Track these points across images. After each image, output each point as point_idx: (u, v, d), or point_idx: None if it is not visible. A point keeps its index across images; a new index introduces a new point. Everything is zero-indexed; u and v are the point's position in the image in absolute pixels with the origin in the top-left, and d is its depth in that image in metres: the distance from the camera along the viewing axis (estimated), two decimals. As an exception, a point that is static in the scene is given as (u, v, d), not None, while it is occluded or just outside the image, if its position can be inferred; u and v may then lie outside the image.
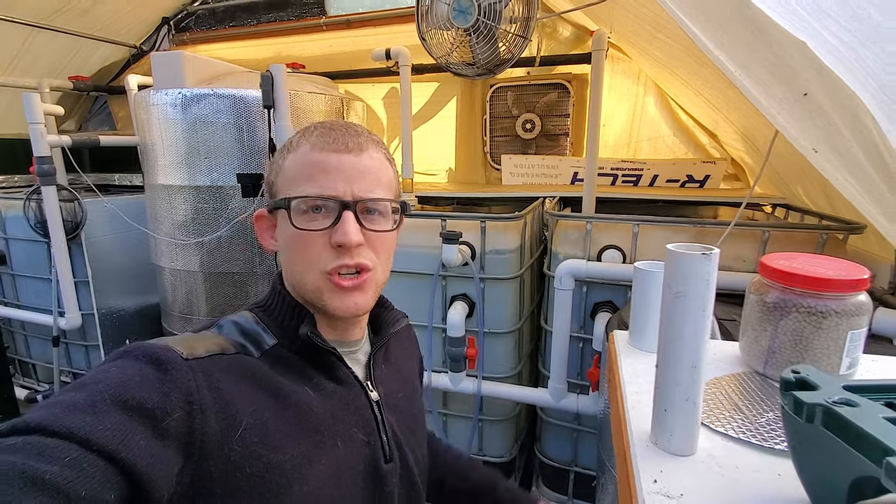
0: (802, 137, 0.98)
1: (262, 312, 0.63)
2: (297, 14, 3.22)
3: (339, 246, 0.58)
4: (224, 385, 0.51)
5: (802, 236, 1.57)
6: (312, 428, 0.56)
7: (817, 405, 0.38)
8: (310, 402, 0.57)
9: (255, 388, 0.54)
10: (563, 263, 1.66)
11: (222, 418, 0.49)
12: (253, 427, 0.51)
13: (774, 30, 0.88)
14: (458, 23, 1.40)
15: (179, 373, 0.48)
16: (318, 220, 0.59)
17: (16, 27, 2.93)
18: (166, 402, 0.45)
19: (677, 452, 0.51)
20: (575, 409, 1.75)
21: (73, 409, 0.41)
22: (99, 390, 0.43)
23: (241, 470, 0.49)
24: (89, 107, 3.88)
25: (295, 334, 0.60)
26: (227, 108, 2.09)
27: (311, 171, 0.59)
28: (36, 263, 2.63)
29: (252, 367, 0.56)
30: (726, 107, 2.05)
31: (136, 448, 0.41)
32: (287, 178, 0.61)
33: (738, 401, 0.62)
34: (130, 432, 0.42)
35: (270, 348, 0.59)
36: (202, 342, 0.54)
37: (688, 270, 0.47)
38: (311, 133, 0.62)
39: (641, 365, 0.72)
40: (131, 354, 0.48)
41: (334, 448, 0.57)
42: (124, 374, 0.46)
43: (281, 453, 0.52)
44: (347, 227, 0.58)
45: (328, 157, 0.59)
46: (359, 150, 0.61)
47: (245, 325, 0.61)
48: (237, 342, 0.58)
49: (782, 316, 0.66)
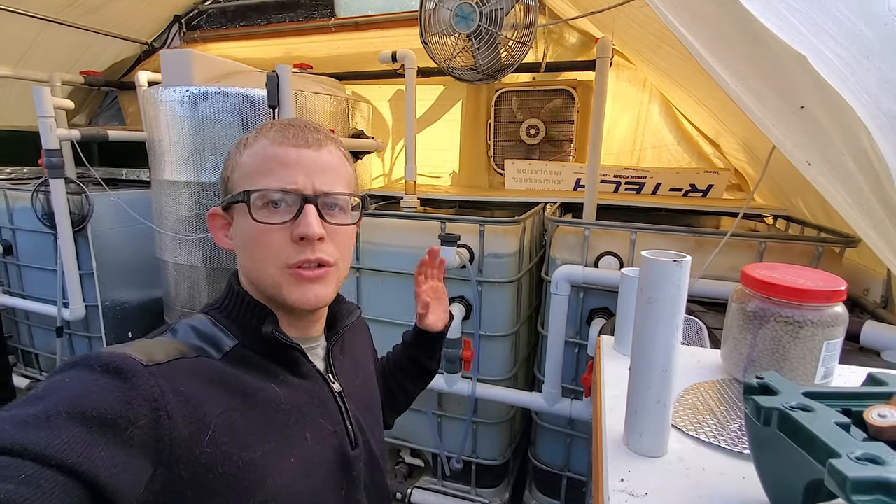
0: (797, 150, 0.99)
1: (219, 314, 0.62)
2: (306, 15, 3.26)
3: (301, 239, 0.58)
4: (188, 389, 0.50)
5: (799, 248, 1.57)
6: (281, 423, 0.57)
7: (774, 409, 0.39)
8: (277, 399, 0.57)
9: (220, 389, 0.53)
10: (560, 269, 1.67)
11: (190, 422, 0.48)
12: (222, 427, 0.51)
13: (774, 43, 0.90)
14: (460, 28, 1.42)
15: (140, 380, 0.47)
16: (279, 213, 0.58)
17: (28, 20, 2.98)
18: (129, 411, 0.44)
19: (647, 453, 0.52)
20: (568, 414, 1.76)
21: (25, 424, 0.40)
22: (53, 403, 0.42)
23: (213, 470, 0.49)
24: (100, 102, 3.93)
25: (257, 334, 0.59)
26: (233, 107, 2.12)
27: (271, 165, 0.59)
28: (42, 254, 2.66)
29: (215, 369, 0.55)
30: (728, 117, 2.06)
31: (97, 459, 0.40)
32: (244, 174, 0.60)
33: (714, 406, 0.63)
34: (90, 444, 0.40)
35: (231, 349, 0.58)
36: (160, 348, 0.53)
37: (659, 276, 0.48)
38: (268, 129, 0.62)
39: (624, 370, 0.73)
40: (86, 364, 0.47)
41: (303, 441, 0.58)
42: (81, 386, 0.44)
43: (252, 451, 0.52)
44: (310, 220, 0.57)
45: (288, 152, 0.59)
46: (318, 145, 0.61)
47: (202, 329, 0.60)
48: (195, 346, 0.57)
49: (761, 325, 0.67)
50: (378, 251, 1.92)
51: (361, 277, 1.96)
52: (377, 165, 3.24)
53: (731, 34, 0.98)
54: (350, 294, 1.98)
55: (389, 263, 1.91)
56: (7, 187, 2.68)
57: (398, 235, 1.90)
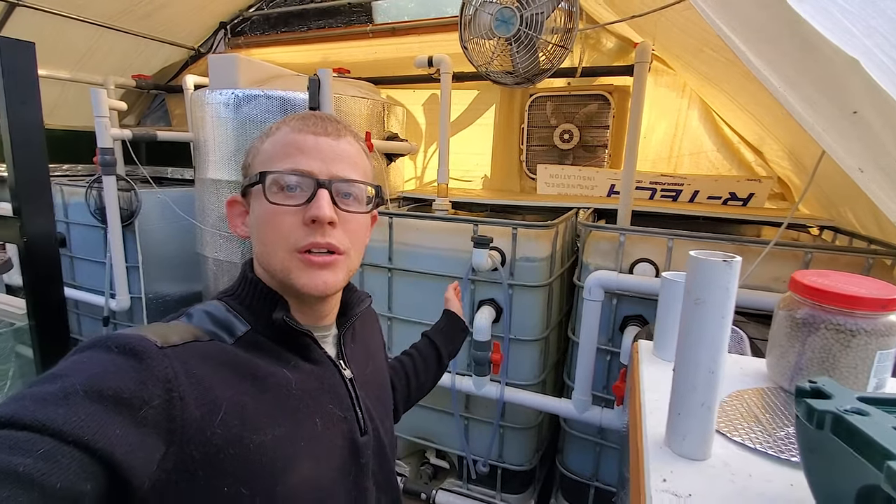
0: (848, 157, 0.96)
1: (233, 300, 0.63)
2: (345, 21, 3.34)
3: (312, 222, 0.58)
4: (201, 371, 0.51)
5: (847, 259, 1.51)
6: (292, 408, 0.57)
7: (828, 412, 0.38)
8: (288, 384, 0.58)
9: (232, 372, 0.54)
10: (593, 274, 1.65)
11: (202, 404, 0.49)
12: (233, 410, 0.51)
13: (826, 46, 0.87)
14: (500, 32, 1.43)
15: (155, 361, 0.48)
16: (293, 197, 0.59)
17: (87, 27, 3.16)
18: (143, 391, 0.45)
19: (689, 456, 0.51)
20: (598, 422, 1.73)
21: (45, 401, 0.41)
22: (71, 382, 0.43)
23: (224, 451, 0.50)
24: (148, 103, 4.13)
25: (268, 320, 0.60)
26: (275, 109, 2.19)
27: (289, 150, 0.60)
28: (93, 247, 2.81)
29: (227, 352, 0.56)
30: (773, 124, 1.99)
31: (112, 437, 0.41)
32: (264, 159, 0.62)
33: (759, 414, 0.62)
34: (106, 422, 0.41)
35: (244, 335, 0.59)
36: (175, 331, 0.54)
37: (708, 277, 0.48)
38: (290, 119, 0.63)
39: (664, 374, 0.72)
40: (103, 345, 0.48)
41: (313, 426, 0.59)
42: (98, 366, 0.45)
43: (262, 434, 0.53)
44: (321, 203, 0.58)
45: (306, 138, 0.60)
46: (337, 134, 0.62)
47: (216, 314, 0.61)
48: (209, 330, 0.58)
49: (811, 332, 0.65)
50: (410, 252, 1.95)
51: (393, 278, 1.99)
52: (410, 168, 3.28)
53: (780, 37, 0.95)
54: (382, 294, 2.01)
55: (421, 265, 1.93)
56: (63, 183, 2.85)
57: (431, 237, 1.92)
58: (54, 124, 3.56)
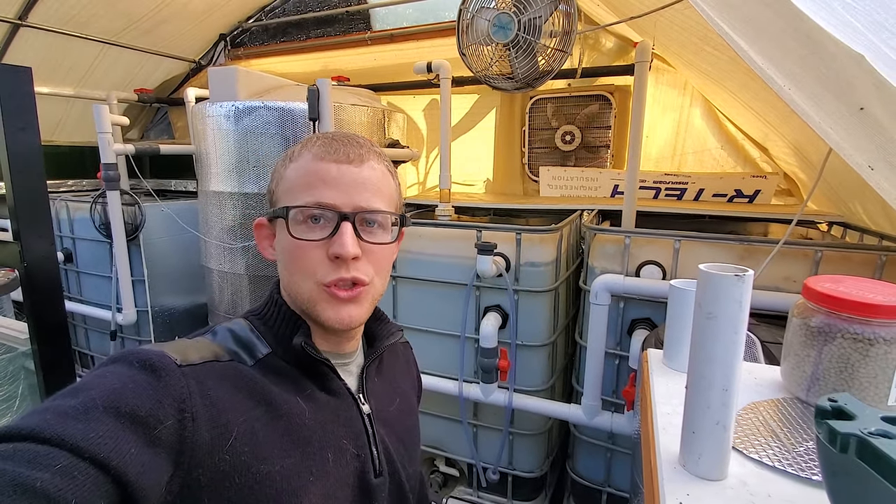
0: (858, 154, 0.94)
1: (258, 320, 0.63)
2: (343, 29, 3.35)
3: (336, 258, 0.57)
4: (216, 393, 0.51)
5: (859, 257, 1.48)
6: (303, 439, 0.56)
7: (852, 435, 0.36)
8: (301, 413, 0.57)
9: (247, 396, 0.53)
10: (600, 278, 1.64)
11: (213, 426, 0.49)
12: (243, 437, 0.51)
13: (830, 42, 0.85)
14: (498, 38, 1.42)
15: (173, 379, 0.48)
16: (316, 230, 0.58)
17: (89, 44, 3.19)
18: (159, 410, 0.45)
19: (705, 476, 0.50)
20: (609, 427, 1.71)
21: (66, 416, 0.41)
22: (92, 397, 0.43)
23: (230, 479, 0.49)
24: (151, 117, 4.15)
25: (289, 344, 0.59)
26: (275, 120, 2.19)
27: (311, 181, 0.59)
28: (99, 262, 2.82)
29: (245, 375, 0.55)
30: (777, 120, 1.97)
31: (127, 456, 0.41)
32: (287, 188, 0.60)
33: (776, 427, 0.60)
34: (122, 440, 0.41)
35: (264, 357, 0.58)
36: (196, 349, 0.54)
37: (719, 292, 0.46)
38: (313, 143, 0.61)
39: (675, 386, 0.71)
40: (126, 360, 0.48)
41: (324, 460, 0.57)
42: (118, 381, 0.45)
43: (270, 464, 0.52)
44: (345, 239, 0.57)
45: (329, 168, 0.59)
46: (360, 160, 0.60)
47: (240, 333, 0.60)
48: (231, 350, 0.57)
49: (827, 341, 0.63)
50: (414, 260, 1.94)
51: (398, 286, 1.98)
52: (412, 174, 3.27)
53: (783, 34, 0.94)
54: (386, 302, 2.00)
55: (426, 272, 1.92)
56: (69, 199, 2.86)
57: (434, 244, 1.90)
58: (59, 141, 3.59)
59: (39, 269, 1.17)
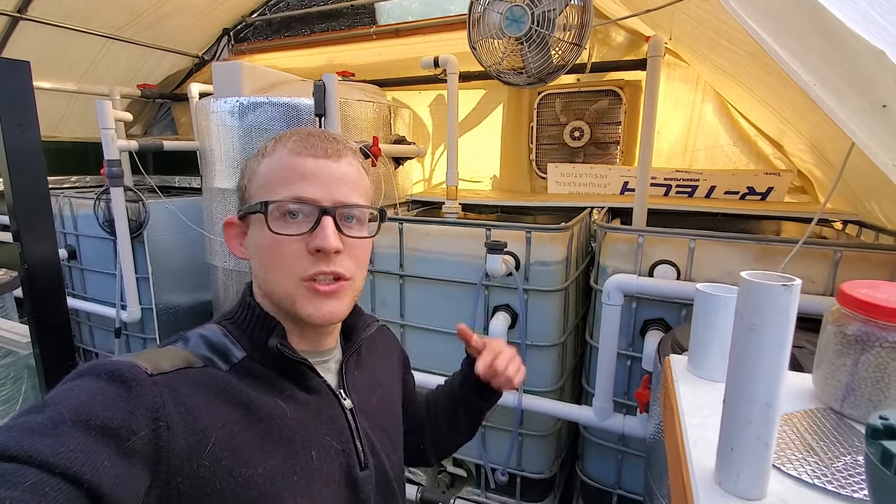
0: (882, 152, 0.91)
1: (231, 324, 0.62)
2: (348, 24, 3.31)
3: (317, 251, 0.57)
4: (191, 400, 0.50)
5: (878, 258, 1.44)
6: (285, 439, 0.55)
7: (917, 462, 0.34)
8: (282, 414, 0.56)
9: (223, 401, 0.53)
10: (612, 278, 1.60)
11: (190, 434, 0.48)
12: (222, 442, 0.50)
13: (851, 38, 0.82)
14: (511, 32, 1.39)
15: (144, 389, 0.47)
16: (295, 224, 0.57)
17: (92, 38, 3.16)
18: (131, 421, 0.44)
19: (744, 496, 0.47)
20: (621, 430, 1.68)
21: (32, 432, 0.40)
22: (59, 411, 0.42)
23: (211, 485, 0.48)
24: (154, 112, 4.13)
25: (265, 347, 0.58)
26: (280, 116, 2.16)
27: (289, 175, 0.58)
28: (103, 259, 2.81)
29: (220, 380, 0.54)
30: (794, 117, 1.93)
31: (100, 469, 0.40)
32: (262, 184, 0.59)
33: (811, 441, 0.57)
34: (94, 453, 0.40)
35: (239, 361, 0.57)
36: (167, 357, 0.53)
37: (764, 302, 0.43)
38: (287, 138, 0.61)
39: (703, 395, 0.68)
40: (93, 373, 0.47)
41: (308, 459, 0.56)
42: (86, 394, 0.44)
43: (252, 467, 0.51)
44: (327, 232, 0.56)
45: (306, 162, 0.58)
46: (337, 155, 0.60)
47: (213, 339, 0.59)
48: (204, 356, 0.56)
49: (864, 350, 0.60)
50: (422, 258, 1.91)
51: (405, 284, 1.95)
52: (418, 171, 3.24)
53: (805, 28, 0.91)
54: (394, 301, 1.98)
55: (433, 270, 1.89)
56: (72, 196, 2.84)
57: (442, 242, 1.88)
58: (62, 136, 3.56)
59: (41, 270, 1.14)
